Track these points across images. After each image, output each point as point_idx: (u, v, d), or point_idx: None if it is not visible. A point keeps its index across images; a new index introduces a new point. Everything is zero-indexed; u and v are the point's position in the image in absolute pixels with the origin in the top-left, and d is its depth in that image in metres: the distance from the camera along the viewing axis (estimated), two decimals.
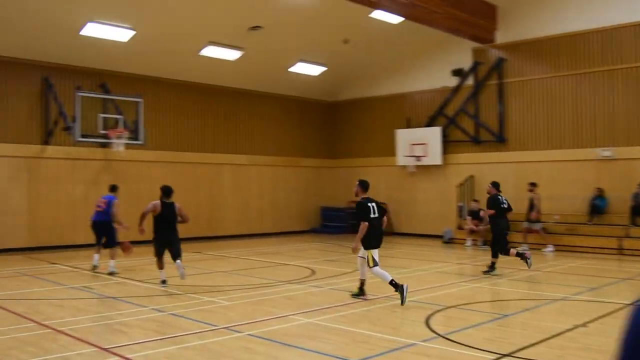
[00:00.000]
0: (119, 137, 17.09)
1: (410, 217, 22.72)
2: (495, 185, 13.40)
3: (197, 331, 7.73)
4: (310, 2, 17.40)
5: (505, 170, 19.78)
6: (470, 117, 21.05)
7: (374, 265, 9.74)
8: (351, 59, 22.38)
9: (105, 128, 17.30)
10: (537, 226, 17.58)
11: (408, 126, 22.67)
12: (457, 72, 21.30)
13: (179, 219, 11.37)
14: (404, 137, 22.34)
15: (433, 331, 7.72)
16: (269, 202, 23.26)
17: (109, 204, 13.31)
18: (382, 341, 7.24)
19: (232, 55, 19.98)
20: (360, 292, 10.00)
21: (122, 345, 7.00)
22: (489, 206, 13.06)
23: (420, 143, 21.82)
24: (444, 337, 7.38)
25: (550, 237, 17.52)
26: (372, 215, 9.75)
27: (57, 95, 17.71)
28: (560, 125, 18.85)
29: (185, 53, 19.33)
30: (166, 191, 11.38)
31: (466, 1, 18.82)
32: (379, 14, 18.31)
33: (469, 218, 19.30)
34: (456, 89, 21.40)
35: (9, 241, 16.98)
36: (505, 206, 13.03)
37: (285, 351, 6.86)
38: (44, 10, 15.67)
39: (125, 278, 12.32)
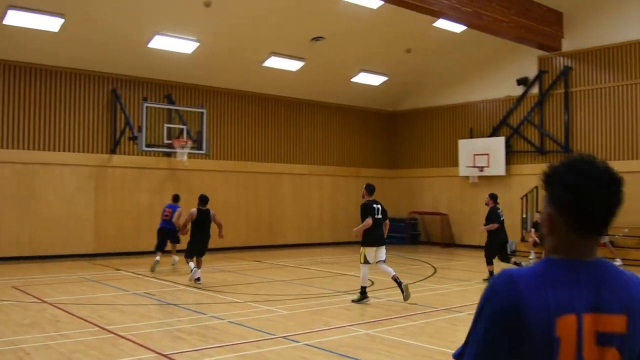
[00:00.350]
0: (183, 147, 17.41)
1: (472, 229, 22.27)
2: (494, 197, 13.95)
3: (255, 340, 7.76)
4: (372, 12, 17.37)
5: None
6: (535, 127, 20.59)
7: (364, 262, 10.59)
8: (413, 68, 22.24)
9: (170, 138, 17.66)
10: (605, 239, 17.00)
11: (471, 136, 22.36)
12: (522, 81, 20.88)
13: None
14: (467, 147, 22.02)
15: None
16: (329, 212, 23.27)
17: (175, 213, 14.82)
18: (441, 355, 7.10)
19: (294, 65, 20.14)
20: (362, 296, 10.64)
21: (181, 352, 7.09)
22: (492, 220, 13.50)
23: (483, 153, 21.46)
24: None
25: (618, 251, 16.93)
26: (376, 216, 10.57)
27: (124, 106, 18.23)
28: (630, 135, 18.22)
29: (248, 64, 19.59)
30: (203, 200, 12.97)
31: (532, 9, 18.46)
32: (442, 23, 18.15)
33: (532, 230, 18.84)
34: (521, 99, 20.98)
35: (76, 247, 17.50)
36: (503, 219, 13.61)
37: None
38: (114, 24, 16.14)
39: (185, 285, 12.50)
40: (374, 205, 10.70)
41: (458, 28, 18.62)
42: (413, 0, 15.13)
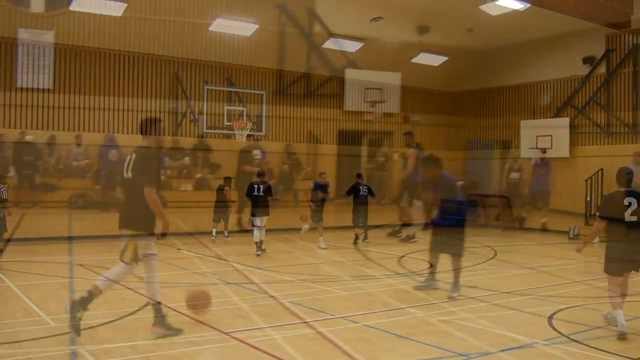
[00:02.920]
0: (242, 129, 17.58)
1: (534, 212, 21.86)
2: (359, 175, 16.89)
3: (314, 319, 7.82)
4: None
5: None
6: (602, 108, 19.96)
7: (252, 226, 13.73)
8: (471, 48, 21.84)
9: (230, 120, 17.84)
10: None
11: (533, 117, 21.86)
12: (588, 60, 20.24)
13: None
14: (529, 129, 21.54)
15: (556, 330, 7.41)
16: None
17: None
18: (501, 338, 7.03)
19: (353, 46, 20.12)
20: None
21: (242, 330, 7.22)
22: (348, 192, 16.40)
23: (546, 135, 20.94)
24: (567, 337, 7.07)
25: None
26: (254, 193, 13.73)
27: (186, 89, 18.52)
28: None
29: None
30: (225, 179, 16.49)
31: None
32: (504, 1, 17.74)
33: (598, 214, 18.33)
34: (586, 78, 20.36)
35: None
36: (365, 193, 16.19)
37: (400, 343, 6.82)
38: (178, 9, 16.43)
39: (245, 265, 12.68)
40: (255, 185, 13.81)
41: (520, 6, 18.18)
42: None
